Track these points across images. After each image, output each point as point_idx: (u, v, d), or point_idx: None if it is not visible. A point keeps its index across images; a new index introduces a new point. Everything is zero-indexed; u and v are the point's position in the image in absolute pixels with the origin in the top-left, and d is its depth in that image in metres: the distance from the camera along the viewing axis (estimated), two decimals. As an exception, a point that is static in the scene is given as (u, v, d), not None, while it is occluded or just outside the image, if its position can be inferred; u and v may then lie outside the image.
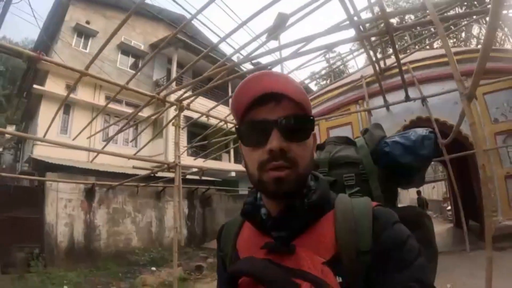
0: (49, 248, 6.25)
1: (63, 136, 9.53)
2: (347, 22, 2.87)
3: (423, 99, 5.20)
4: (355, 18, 2.88)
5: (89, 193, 7.09)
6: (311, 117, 0.57)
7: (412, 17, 11.56)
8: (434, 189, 19.19)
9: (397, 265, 0.50)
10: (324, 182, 0.62)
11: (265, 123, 0.54)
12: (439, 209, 15.23)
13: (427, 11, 2.77)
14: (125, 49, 12.71)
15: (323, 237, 0.54)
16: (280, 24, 5.34)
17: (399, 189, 0.95)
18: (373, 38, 4.31)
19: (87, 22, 11.62)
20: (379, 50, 5.93)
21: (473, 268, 3.90)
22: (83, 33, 11.63)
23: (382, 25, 3.26)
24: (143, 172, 5.90)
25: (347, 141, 0.89)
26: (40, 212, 6.33)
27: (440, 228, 9.11)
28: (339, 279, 0.50)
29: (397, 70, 4.25)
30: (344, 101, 7.00)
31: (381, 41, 5.01)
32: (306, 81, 10.13)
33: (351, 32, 2.93)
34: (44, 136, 3.75)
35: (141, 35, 13.19)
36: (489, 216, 3.88)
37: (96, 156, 5.39)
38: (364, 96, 6.15)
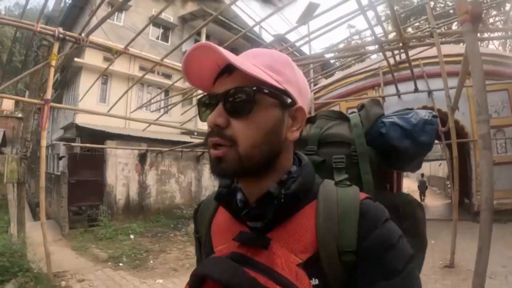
0: (110, 205, 7.65)
1: (102, 104, 10.52)
2: (372, 38, 4.07)
3: (429, 92, 6.28)
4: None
5: (142, 158, 8.49)
6: (254, 88, 0.48)
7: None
8: (441, 167, 19.91)
9: (385, 272, 0.45)
10: (307, 167, 0.55)
11: (211, 98, 0.52)
12: (442, 186, 16.37)
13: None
14: (156, 21, 13.40)
15: (303, 231, 0.49)
16: (309, 13, 6.32)
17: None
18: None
19: None
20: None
21: (466, 250, 5.25)
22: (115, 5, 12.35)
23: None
24: (187, 139, 7.10)
25: (341, 117, 0.82)
26: (102, 175, 7.73)
27: (440, 203, 10.49)
28: (316, 281, 0.46)
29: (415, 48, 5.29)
30: (362, 86, 8.17)
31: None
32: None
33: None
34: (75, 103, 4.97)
35: (170, 8, 13.87)
36: (473, 194, 5.04)
37: (148, 126, 6.80)
38: (380, 83, 7.19)
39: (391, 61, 6.16)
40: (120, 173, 7.96)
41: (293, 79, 0.53)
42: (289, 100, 0.52)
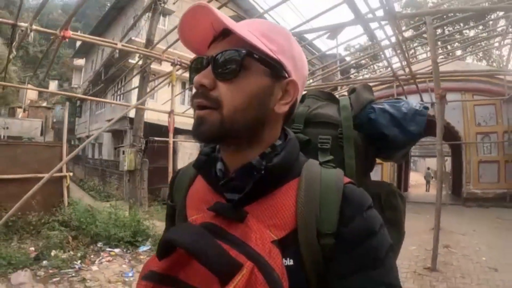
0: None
1: (151, 101, 12.36)
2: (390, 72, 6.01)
3: (432, 104, 8.20)
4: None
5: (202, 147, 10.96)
6: (243, 51, 0.47)
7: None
8: (446, 162, 22.51)
9: (365, 262, 0.45)
10: (293, 142, 0.55)
11: (202, 60, 0.51)
12: (446, 179, 18.79)
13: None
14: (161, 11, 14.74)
15: (281, 208, 0.48)
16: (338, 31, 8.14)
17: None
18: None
19: (164, 3, 14.12)
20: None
21: (445, 214, 7.24)
22: (162, 12, 14.07)
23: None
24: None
25: (330, 98, 0.82)
26: (174, 162, 9.93)
27: (443, 193, 12.46)
28: (290, 261, 0.45)
29: (421, 79, 7.18)
30: (378, 95, 10.05)
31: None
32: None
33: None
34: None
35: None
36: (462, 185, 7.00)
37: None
38: (393, 94, 9.04)
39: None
40: (187, 160, 10.08)
41: (288, 51, 0.51)
42: (281, 72, 0.50)
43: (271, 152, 0.52)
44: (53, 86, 29.67)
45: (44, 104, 27.78)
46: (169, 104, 5.48)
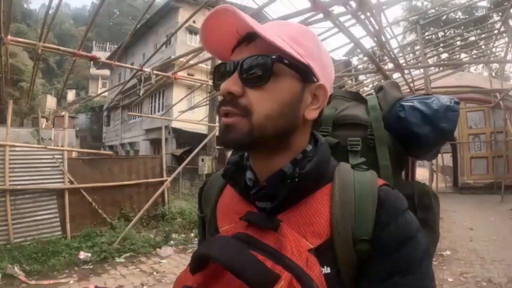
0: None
1: (189, 112, 14.44)
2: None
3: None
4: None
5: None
6: (273, 57, 0.47)
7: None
8: (451, 157, 25.17)
9: (402, 266, 0.45)
10: (324, 148, 0.55)
11: (227, 65, 0.51)
12: (448, 172, 21.17)
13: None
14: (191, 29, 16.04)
15: (316, 215, 0.49)
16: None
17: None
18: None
19: (194, 22, 16.20)
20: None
21: (444, 199, 9.44)
22: (192, 30, 15.99)
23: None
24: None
25: (358, 98, 0.81)
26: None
27: (448, 185, 14.67)
28: (327, 269, 0.46)
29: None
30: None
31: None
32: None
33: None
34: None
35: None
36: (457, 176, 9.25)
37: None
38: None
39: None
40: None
41: (317, 55, 0.52)
42: (310, 76, 0.51)
43: (302, 159, 0.52)
44: (71, 95, 31.83)
45: (63, 113, 29.79)
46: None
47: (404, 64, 7.45)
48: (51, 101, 28.85)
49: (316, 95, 0.53)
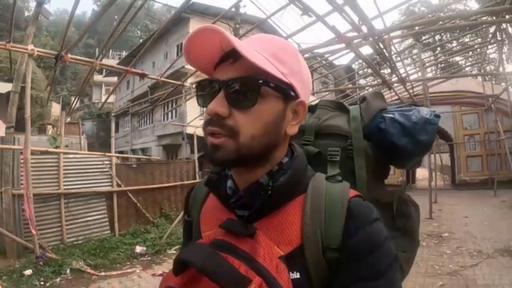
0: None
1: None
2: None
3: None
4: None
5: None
6: (260, 81, 0.49)
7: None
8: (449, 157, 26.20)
9: (368, 272, 0.48)
10: (299, 160, 0.58)
11: (213, 83, 0.53)
12: (447, 170, 22.24)
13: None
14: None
15: (288, 224, 0.52)
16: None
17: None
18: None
19: None
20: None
21: (443, 195, 10.38)
22: None
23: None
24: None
25: (341, 108, 0.84)
26: None
27: (447, 183, 15.67)
28: (297, 275, 0.49)
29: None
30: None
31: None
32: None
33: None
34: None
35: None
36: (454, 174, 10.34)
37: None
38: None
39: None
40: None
41: (297, 71, 0.54)
42: (292, 95, 0.53)
43: (277, 171, 0.55)
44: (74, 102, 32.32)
45: (68, 119, 30.55)
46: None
47: (405, 75, 8.40)
48: (55, 108, 29.51)
49: (297, 110, 0.55)
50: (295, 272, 0.49)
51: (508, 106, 8.61)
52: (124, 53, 34.32)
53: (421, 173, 16.94)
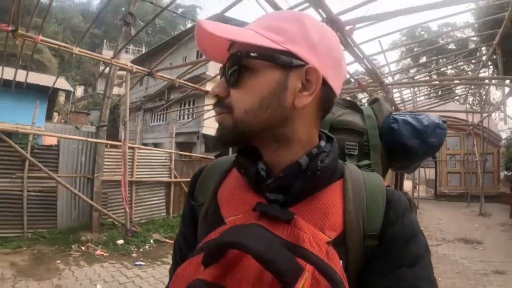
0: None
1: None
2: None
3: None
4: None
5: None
6: (238, 54, 0.50)
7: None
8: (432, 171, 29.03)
9: (408, 260, 0.49)
10: (337, 145, 0.58)
11: (220, 70, 0.55)
12: (432, 184, 25.02)
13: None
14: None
15: (330, 209, 0.51)
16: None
17: None
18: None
19: None
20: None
21: (425, 204, 12.76)
22: None
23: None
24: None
25: (353, 106, 0.88)
26: None
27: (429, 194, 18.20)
28: (341, 263, 0.47)
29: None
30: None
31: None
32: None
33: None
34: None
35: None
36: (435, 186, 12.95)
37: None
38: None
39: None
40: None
41: (300, 37, 0.51)
42: (293, 62, 0.50)
43: (319, 153, 0.54)
44: (79, 91, 33.68)
45: (73, 108, 31.65)
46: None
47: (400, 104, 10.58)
48: (62, 96, 30.57)
49: (308, 79, 0.51)
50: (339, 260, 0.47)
51: (483, 133, 10.99)
52: (131, 47, 35.88)
53: (407, 184, 19.51)
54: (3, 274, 4.18)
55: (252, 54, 0.49)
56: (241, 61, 0.50)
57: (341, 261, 0.46)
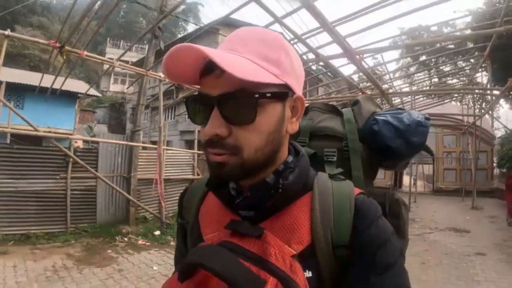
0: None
1: None
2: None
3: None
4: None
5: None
6: (256, 95, 0.49)
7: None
8: (431, 167, 30.13)
9: (378, 267, 0.50)
10: (305, 159, 0.60)
11: (206, 99, 0.51)
12: (431, 181, 26.19)
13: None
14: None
15: (297, 223, 0.53)
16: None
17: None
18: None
19: None
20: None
21: (423, 198, 13.94)
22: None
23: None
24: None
25: (334, 110, 0.88)
26: None
27: (427, 189, 19.37)
28: (309, 273, 0.50)
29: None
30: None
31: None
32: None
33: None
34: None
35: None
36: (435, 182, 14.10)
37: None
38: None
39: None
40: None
41: (290, 67, 0.53)
42: (290, 93, 0.53)
43: (284, 169, 0.56)
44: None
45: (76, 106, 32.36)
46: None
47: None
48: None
49: (295, 106, 0.56)
50: (307, 271, 0.50)
51: (477, 132, 12.09)
52: (134, 46, 36.47)
53: (407, 179, 20.60)
54: (64, 264, 4.72)
55: (268, 94, 0.50)
56: (257, 102, 0.49)
57: (310, 273, 0.50)
